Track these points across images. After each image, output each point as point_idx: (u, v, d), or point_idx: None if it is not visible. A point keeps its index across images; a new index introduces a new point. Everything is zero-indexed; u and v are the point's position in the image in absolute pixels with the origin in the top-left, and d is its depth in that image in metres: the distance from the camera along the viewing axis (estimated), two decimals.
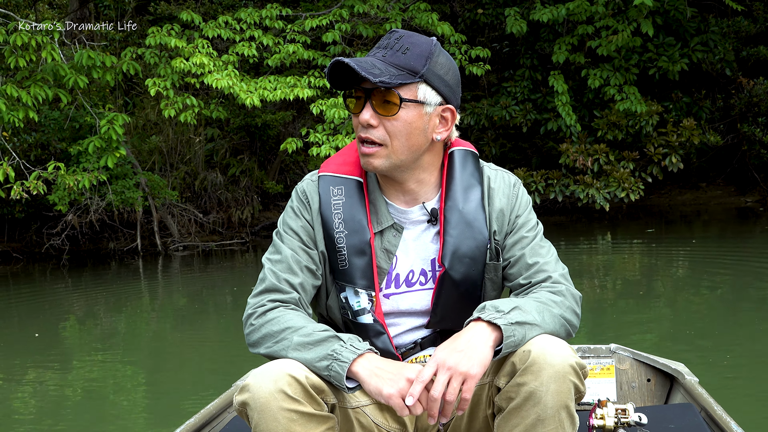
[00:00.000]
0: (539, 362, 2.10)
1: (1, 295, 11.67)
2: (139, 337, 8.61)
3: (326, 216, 2.41)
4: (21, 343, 8.36)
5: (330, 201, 2.42)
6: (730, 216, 15.47)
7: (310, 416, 2.09)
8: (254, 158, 16.58)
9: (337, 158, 2.50)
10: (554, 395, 2.10)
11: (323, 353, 2.15)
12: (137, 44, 13.87)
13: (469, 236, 2.42)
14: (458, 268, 2.40)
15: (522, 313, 2.21)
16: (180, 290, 11.43)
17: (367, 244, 2.40)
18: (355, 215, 2.41)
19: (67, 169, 11.70)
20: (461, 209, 2.43)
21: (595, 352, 3.52)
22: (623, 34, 13.58)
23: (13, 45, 10.57)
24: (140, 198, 13.65)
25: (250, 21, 12.52)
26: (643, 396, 3.50)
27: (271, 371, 2.10)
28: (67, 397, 6.12)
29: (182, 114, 11.99)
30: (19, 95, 10.71)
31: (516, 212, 2.50)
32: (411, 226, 2.46)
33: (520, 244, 2.47)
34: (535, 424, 2.11)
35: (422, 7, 13.48)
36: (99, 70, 11.39)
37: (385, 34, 2.35)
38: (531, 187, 14.63)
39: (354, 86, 2.32)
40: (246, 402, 2.09)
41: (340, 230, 2.40)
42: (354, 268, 2.39)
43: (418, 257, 2.46)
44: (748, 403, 4.91)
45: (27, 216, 15.13)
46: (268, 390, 2.06)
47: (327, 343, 2.18)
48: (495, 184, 2.50)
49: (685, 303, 8.38)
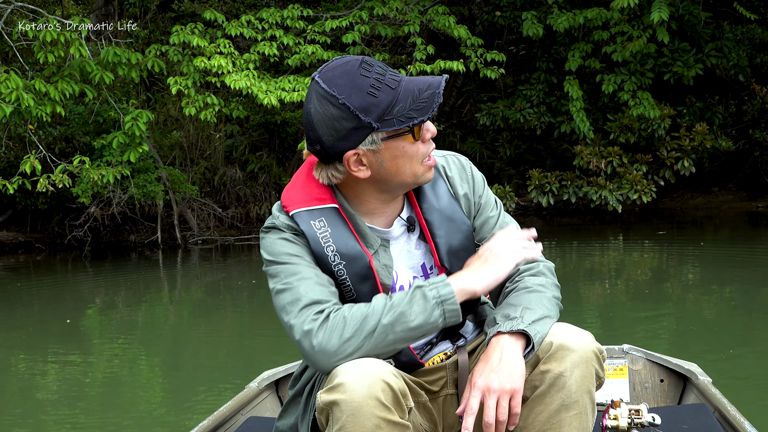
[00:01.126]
0: (564, 348, 2.16)
1: (24, 283, 11.98)
2: (157, 328, 8.83)
3: (319, 253, 2.30)
4: (45, 330, 8.63)
5: (317, 236, 2.30)
6: (742, 221, 15.60)
7: (394, 425, 2.07)
8: (273, 155, 16.84)
9: (296, 194, 2.37)
10: (578, 380, 2.15)
11: (428, 307, 2.15)
12: (160, 41, 14.16)
13: (456, 230, 2.42)
14: (457, 264, 2.38)
15: (531, 311, 2.24)
16: (198, 283, 11.70)
17: (368, 268, 2.32)
18: (347, 243, 2.32)
19: (91, 162, 11.99)
20: (438, 207, 2.42)
21: (608, 352, 3.50)
22: (639, 41, 13.80)
23: (42, 41, 10.89)
24: (161, 192, 13.92)
25: (272, 21, 12.79)
26: (656, 396, 3.49)
27: (365, 373, 2.06)
28: (87, 384, 6.32)
29: (203, 112, 12.27)
30: (47, 90, 11.02)
31: (477, 193, 2.50)
32: (395, 241, 2.43)
33: (487, 225, 2.48)
34: (559, 410, 2.15)
35: (440, 10, 13.72)
36: (124, 66, 11.70)
37: (359, 68, 2.23)
38: (545, 188, 14.87)
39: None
40: (337, 402, 2.04)
41: (337, 262, 2.30)
42: (362, 296, 2.32)
43: (409, 267, 2.44)
44: (762, 404, 4.92)
45: (50, 207, 15.42)
46: (362, 394, 2.03)
47: (416, 298, 2.17)
48: (451, 171, 2.49)
49: (697, 304, 8.49)
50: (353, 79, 2.20)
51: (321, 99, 2.21)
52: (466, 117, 18.70)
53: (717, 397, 3.08)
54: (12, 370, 6.93)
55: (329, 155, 2.25)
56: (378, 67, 2.23)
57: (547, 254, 10.00)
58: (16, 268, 13.73)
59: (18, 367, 7.01)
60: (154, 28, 15.66)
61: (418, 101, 2.21)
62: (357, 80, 2.19)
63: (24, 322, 9.23)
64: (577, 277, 10.33)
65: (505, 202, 14.82)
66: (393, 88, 2.20)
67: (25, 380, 6.59)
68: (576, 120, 14.29)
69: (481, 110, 16.55)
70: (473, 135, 18.28)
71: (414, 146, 2.27)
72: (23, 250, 15.34)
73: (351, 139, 2.22)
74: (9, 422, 5.41)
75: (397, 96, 2.21)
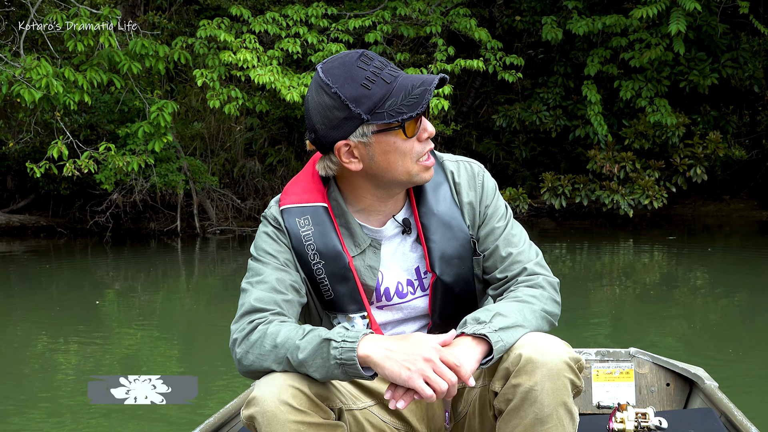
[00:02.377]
0: (532, 362, 2.10)
1: (47, 266, 12.29)
2: (174, 314, 9.04)
3: (299, 250, 2.35)
4: (68, 310, 8.90)
5: (299, 234, 2.35)
6: (752, 229, 15.76)
7: (318, 425, 2.09)
8: (291, 149, 17.10)
9: (294, 188, 2.43)
10: (550, 393, 2.10)
11: (324, 355, 2.10)
12: (184, 33, 14.43)
13: (451, 237, 2.40)
14: (448, 271, 2.38)
15: (503, 318, 2.19)
16: (215, 272, 11.98)
17: (347, 269, 2.35)
18: (327, 243, 2.35)
19: (116, 150, 12.28)
20: (436, 212, 2.41)
21: (614, 356, 3.51)
22: (657, 48, 14.05)
23: (72, 30, 11.19)
24: (182, 181, 14.21)
25: (297, 18, 13.06)
26: (662, 400, 3.48)
27: (274, 383, 2.10)
28: (104, 365, 6.52)
29: (226, 106, 12.55)
30: (76, 78, 11.32)
31: (485, 203, 2.46)
32: (387, 242, 2.42)
33: (492, 236, 2.44)
34: (534, 424, 2.11)
35: (461, 12, 13.97)
36: (151, 58, 11.99)
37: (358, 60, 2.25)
38: (558, 190, 15.11)
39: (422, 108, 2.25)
40: (253, 416, 2.09)
41: (316, 261, 2.34)
42: (340, 296, 2.36)
43: (401, 269, 2.43)
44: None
45: (71, 193, 15.77)
46: (273, 403, 2.06)
47: (321, 346, 2.11)
48: (459, 178, 2.46)
49: (704, 309, 8.58)
50: (349, 70, 2.22)
51: (317, 87, 2.25)
52: (483, 118, 18.90)
53: (723, 402, 3.06)
54: (33, 348, 7.15)
55: (323, 144, 2.30)
56: (377, 61, 2.24)
57: (559, 255, 10.32)
58: (38, 250, 14.07)
59: (38, 346, 7.23)
60: (178, 20, 15.93)
61: (409, 97, 2.21)
62: (353, 71, 2.22)
63: (47, 302, 9.51)
64: (587, 277, 10.57)
65: (518, 203, 15.05)
66: (388, 83, 2.21)
67: (49, 353, 6.82)
68: (594, 124, 14.54)
69: (497, 112, 16.78)
70: (489, 136, 18.49)
71: (407, 143, 2.26)
72: (45, 234, 15.69)
73: (342, 129, 2.24)
74: (27, 400, 5.68)
75: (391, 90, 2.21)
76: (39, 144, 14.65)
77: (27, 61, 10.82)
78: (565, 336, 2.32)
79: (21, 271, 11.87)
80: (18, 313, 8.90)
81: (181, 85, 16.68)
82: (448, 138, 17.41)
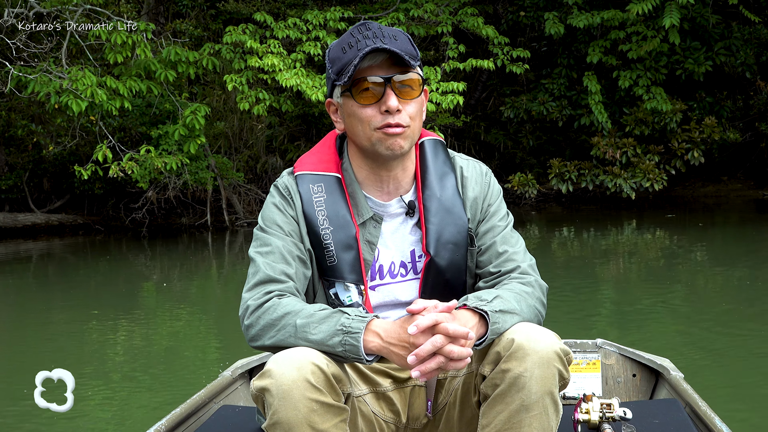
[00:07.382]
0: (524, 348, 2.09)
1: (89, 261, 13.03)
2: (208, 302, 9.63)
3: (309, 214, 2.37)
4: (115, 300, 9.53)
5: (312, 199, 2.38)
6: (749, 208, 16.43)
7: (329, 407, 2.05)
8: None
9: (311, 157, 2.47)
10: (539, 381, 2.08)
11: (332, 329, 2.12)
12: (209, 39, 15.25)
13: (450, 222, 2.41)
14: (443, 254, 2.39)
15: (503, 301, 2.21)
16: (244, 262, 12.64)
17: (353, 238, 2.37)
18: (338, 211, 2.37)
19: (149, 151, 13.18)
20: (439, 197, 2.42)
21: (581, 346, 3.49)
22: (654, 40, 14.89)
23: (113, 43, 12.08)
24: (210, 178, 15.02)
25: (316, 22, 13.91)
26: (628, 391, 3.48)
27: (294, 358, 2.06)
28: (146, 350, 6.92)
29: (255, 107, 13.41)
30: (117, 87, 12.22)
31: (488, 201, 2.49)
32: (389, 219, 2.44)
33: (491, 233, 2.46)
34: (519, 410, 2.09)
35: (469, 11, 14.83)
36: (183, 64, 12.88)
37: (355, 28, 2.33)
38: (565, 176, 15.91)
39: (376, 75, 2.27)
40: (266, 388, 2.04)
41: (325, 227, 2.36)
42: (343, 263, 2.36)
43: (398, 249, 2.44)
44: (732, 398, 4.92)
45: (105, 192, 16.69)
46: (291, 378, 2.02)
47: (332, 318, 2.14)
48: (468, 173, 2.50)
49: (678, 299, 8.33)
50: (345, 35, 2.31)
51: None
52: (491, 109, 19.67)
53: (688, 393, 3.06)
54: (86, 335, 7.61)
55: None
56: (368, 30, 2.27)
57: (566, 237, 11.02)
58: (77, 247, 14.87)
59: (91, 334, 7.66)
60: (196, 24, 16.68)
61: (351, 64, 2.26)
62: (346, 36, 2.30)
63: (95, 292, 10.27)
64: (593, 256, 11.25)
65: (527, 189, 15.83)
66: (359, 49, 2.24)
67: (99, 338, 7.36)
68: (595, 112, 15.38)
69: (505, 103, 17.59)
70: (497, 126, 19.23)
71: (363, 110, 2.29)
72: (83, 232, 16.59)
73: (328, 88, 2.39)
74: (83, 381, 6.40)
75: (356, 56, 2.24)
76: (75, 147, 15.52)
77: (73, 72, 11.71)
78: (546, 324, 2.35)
79: (68, 264, 12.63)
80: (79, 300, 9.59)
81: (201, 87, 17.44)
82: (458, 129, 18.17)
